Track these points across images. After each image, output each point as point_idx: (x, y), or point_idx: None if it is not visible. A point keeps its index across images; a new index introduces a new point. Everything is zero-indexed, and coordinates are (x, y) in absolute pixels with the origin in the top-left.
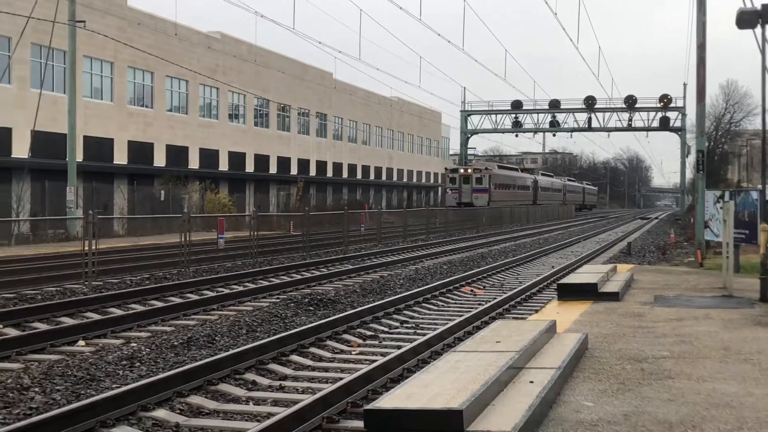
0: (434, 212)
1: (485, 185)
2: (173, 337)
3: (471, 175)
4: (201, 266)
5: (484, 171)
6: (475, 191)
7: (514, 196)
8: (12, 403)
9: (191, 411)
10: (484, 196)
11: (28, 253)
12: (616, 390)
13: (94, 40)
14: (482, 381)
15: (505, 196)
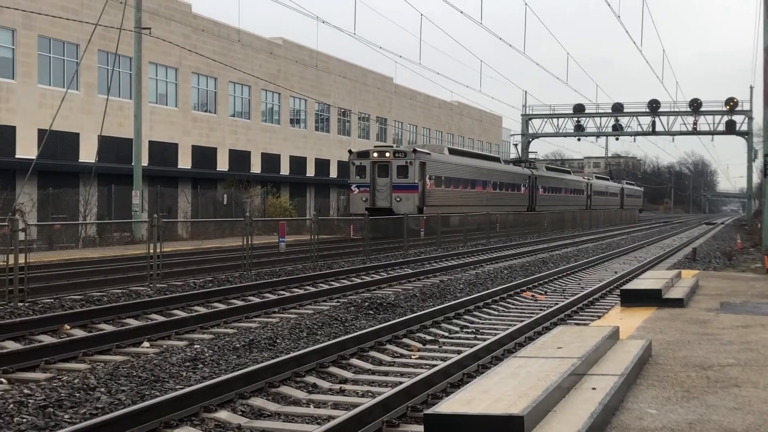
0: (495, 217)
1: (412, 179)
2: (235, 339)
3: (390, 163)
4: (262, 269)
5: (412, 156)
6: (398, 188)
7: (562, 200)
8: (79, 402)
9: (253, 413)
10: (411, 197)
11: (95, 255)
12: (680, 398)
13: (159, 46)
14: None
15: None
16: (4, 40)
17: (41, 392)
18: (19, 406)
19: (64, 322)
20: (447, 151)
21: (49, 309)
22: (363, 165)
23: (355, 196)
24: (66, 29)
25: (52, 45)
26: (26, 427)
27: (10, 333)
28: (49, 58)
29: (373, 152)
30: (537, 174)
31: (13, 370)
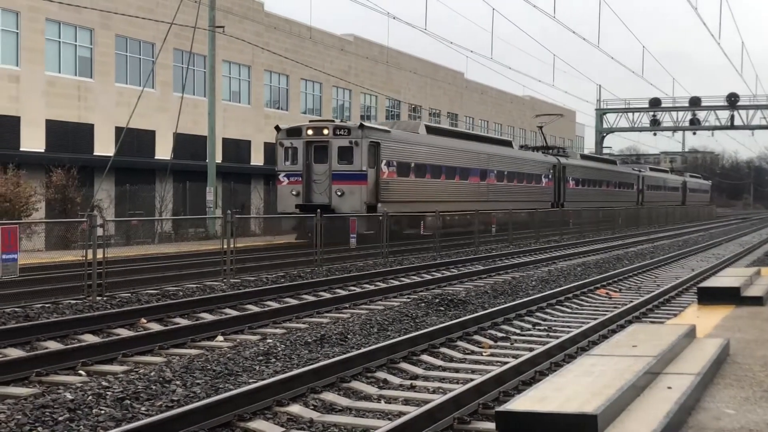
0: (567, 213)
1: (358, 165)
2: (307, 334)
3: (329, 143)
4: (333, 265)
5: (358, 133)
6: (339, 179)
7: (601, 195)
8: (155, 395)
9: (324, 407)
10: (357, 190)
11: (170, 251)
12: (759, 398)
13: (232, 44)
14: (618, 385)
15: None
16: (83, 39)
17: (119, 384)
18: (97, 398)
19: (140, 316)
20: (423, 128)
21: (127, 303)
22: (294, 146)
23: (284, 189)
24: (142, 29)
25: (129, 44)
26: (104, 419)
27: (89, 326)
28: (125, 57)
29: (306, 128)
30: (566, 163)
31: (91, 362)
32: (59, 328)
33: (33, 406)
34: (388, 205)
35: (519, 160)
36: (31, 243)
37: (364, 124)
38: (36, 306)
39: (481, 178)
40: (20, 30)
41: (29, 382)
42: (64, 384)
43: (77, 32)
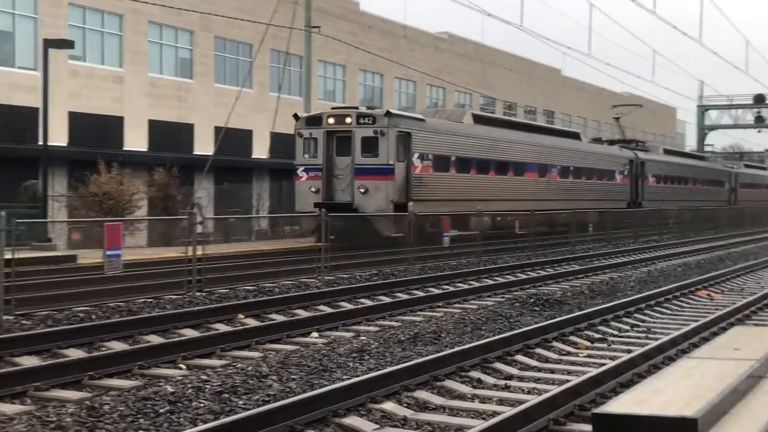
0: (666, 212)
1: (384, 158)
2: (400, 332)
3: (352, 134)
4: (426, 264)
5: (384, 122)
6: (362, 173)
7: (685, 193)
8: (252, 389)
9: (418, 405)
10: (382, 187)
11: (267, 248)
12: None
13: (328, 44)
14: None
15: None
16: (184, 41)
17: (217, 378)
18: (197, 391)
19: (238, 311)
20: (470, 117)
21: (224, 299)
22: (314, 137)
23: (302, 185)
24: (240, 30)
25: (227, 45)
26: (203, 412)
27: (189, 321)
28: (224, 58)
29: (327, 117)
30: (645, 158)
31: (191, 356)
32: (160, 323)
33: (135, 398)
34: (422, 204)
35: (588, 154)
36: (134, 240)
37: (391, 112)
38: (138, 301)
39: (540, 174)
40: (124, 33)
41: (132, 374)
42: (165, 377)
43: (178, 34)
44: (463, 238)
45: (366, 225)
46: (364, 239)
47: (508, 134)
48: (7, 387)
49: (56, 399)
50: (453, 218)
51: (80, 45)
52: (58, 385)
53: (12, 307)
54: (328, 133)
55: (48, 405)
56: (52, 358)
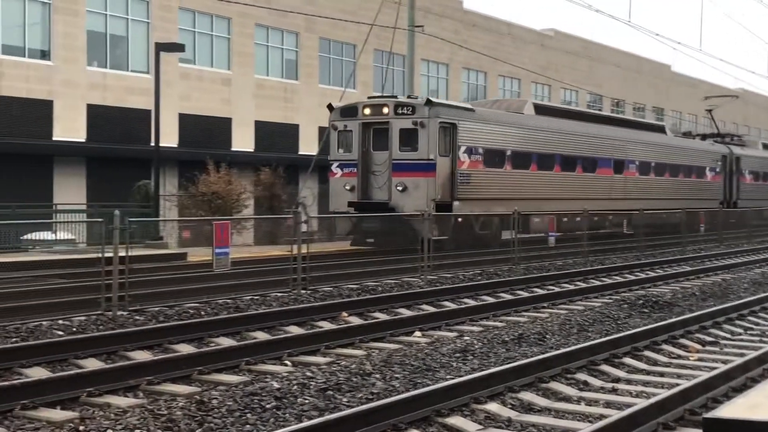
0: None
1: (424, 152)
2: (504, 333)
3: (390, 125)
4: (531, 264)
5: (424, 111)
6: (400, 170)
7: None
8: (356, 387)
9: (522, 407)
10: (422, 185)
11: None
12: None
13: (431, 43)
14: None
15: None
16: (289, 43)
17: (321, 375)
18: (302, 388)
19: (342, 309)
20: (531, 107)
21: (329, 297)
22: (348, 129)
23: (336, 183)
24: (344, 31)
25: (332, 46)
26: (308, 408)
27: (294, 318)
28: (328, 59)
29: (363, 107)
30: (741, 153)
31: (296, 353)
32: (267, 320)
33: (243, 393)
34: (469, 203)
35: (673, 148)
36: (242, 238)
37: (432, 100)
38: (245, 298)
39: (615, 170)
40: (232, 35)
41: (239, 370)
42: (271, 373)
43: (284, 36)
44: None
45: (404, 226)
46: (401, 242)
47: (575, 126)
48: (121, 381)
49: (167, 393)
50: (525, 218)
51: (190, 48)
52: (169, 379)
53: (126, 303)
54: (364, 125)
55: (159, 399)
56: (163, 353)
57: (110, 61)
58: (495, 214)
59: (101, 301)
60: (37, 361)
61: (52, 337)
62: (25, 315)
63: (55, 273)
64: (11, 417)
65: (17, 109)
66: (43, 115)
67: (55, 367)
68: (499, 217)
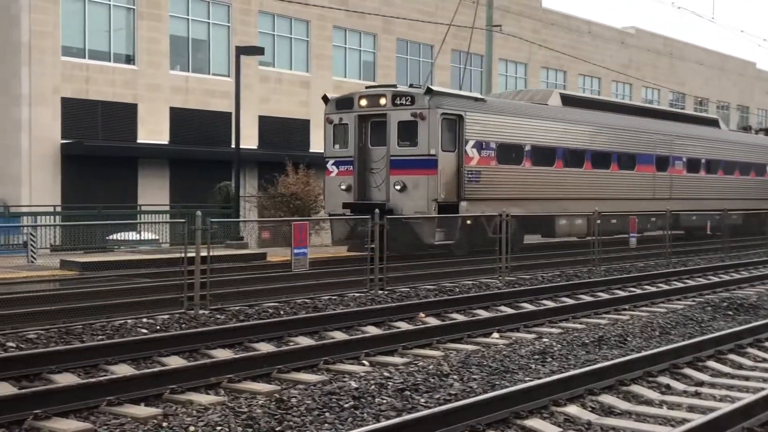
0: None
1: (424, 148)
2: (584, 335)
3: (387, 117)
4: (612, 265)
5: (424, 101)
6: (398, 167)
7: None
8: (433, 388)
9: (602, 410)
10: (421, 184)
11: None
12: None
13: (509, 42)
14: None
15: None
16: (367, 45)
17: (399, 375)
18: (379, 388)
19: (419, 310)
20: (557, 98)
21: (405, 297)
22: (344, 123)
23: (332, 182)
24: (421, 31)
25: (409, 47)
26: (386, 408)
27: (372, 319)
28: (405, 60)
29: (359, 97)
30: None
31: (374, 353)
32: (344, 320)
33: (321, 392)
34: (479, 204)
35: (727, 144)
36: (320, 239)
37: (432, 89)
38: (323, 298)
39: (658, 168)
40: (310, 38)
41: (317, 369)
42: (349, 373)
43: (361, 38)
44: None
45: (406, 230)
46: (405, 247)
47: (611, 119)
48: (202, 378)
49: (247, 391)
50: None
51: (269, 51)
52: (249, 377)
53: (207, 302)
54: (360, 117)
55: (240, 396)
56: (244, 351)
57: (192, 64)
58: (525, 215)
59: (183, 300)
60: (122, 358)
61: (137, 335)
62: (111, 313)
63: (140, 272)
64: (97, 413)
65: (104, 113)
66: (128, 118)
67: (139, 364)
68: (519, 219)
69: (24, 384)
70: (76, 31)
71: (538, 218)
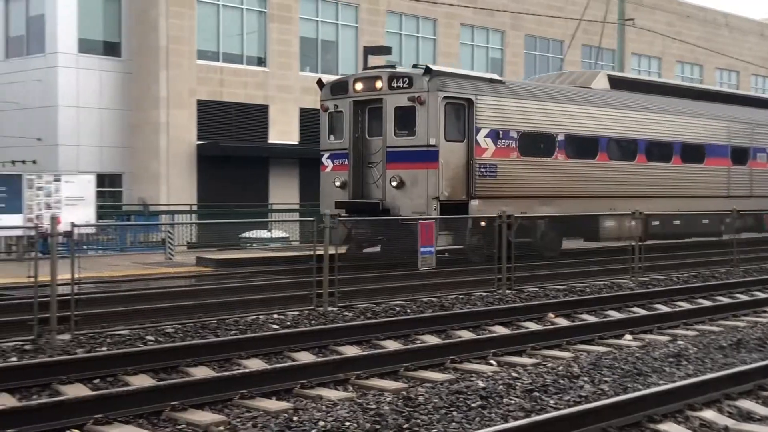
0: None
1: (424, 137)
2: (721, 338)
3: (383, 102)
4: (751, 266)
5: (422, 83)
6: (396, 160)
7: None
8: (563, 389)
9: (740, 415)
10: (421, 178)
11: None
12: None
13: (641, 36)
14: None
15: None
16: (495, 42)
17: (527, 376)
18: (507, 388)
19: (548, 310)
20: (604, 80)
21: (534, 297)
22: (339, 110)
23: (326, 178)
24: (550, 27)
25: (538, 43)
26: (514, 408)
27: (499, 318)
28: (534, 56)
29: (354, 81)
30: None
31: (501, 353)
32: (471, 319)
33: (448, 391)
34: (494, 203)
35: None
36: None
37: (432, 68)
38: (450, 297)
39: (734, 161)
40: (437, 36)
41: (444, 368)
42: (476, 372)
43: (489, 35)
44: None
45: (404, 232)
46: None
47: (671, 104)
48: (331, 374)
49: (375, 387)
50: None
51: (396, 50)
52: (377, 374)
53: (335, 299)
54: (355, 103)
55: (368, 393)
56: (371, 348)
57: (321, 65)
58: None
59: (313, 296)
60: (254, 352)
61: (268, 331)
62: (244, 309)
63: (271, 269)
64: (231, 405)
65: (237, 114)
66: (260, 119)
67: (270, 359)
68: (553, 220)
69: (162, 376)
70: (210, 35)
71: (576, 219)
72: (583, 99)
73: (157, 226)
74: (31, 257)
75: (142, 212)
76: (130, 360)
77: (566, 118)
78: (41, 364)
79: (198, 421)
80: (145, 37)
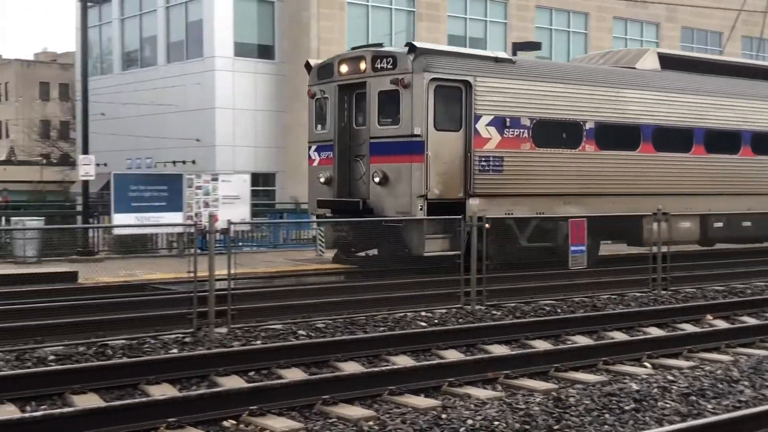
0: None
1: (407, 126)
2: None
3: (367, 85)
4: None
5: (407, 63)
6: (380, 153)
7: None
8: (721, 393)
9: None
10: (404, 174)
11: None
12: None
13: None
14: None
15: None
16: (649, 35)
17: (684, 379)
18: (662, 391)
19: (706, 312)
20: (653, 59)
21: (691, 298)
22: (325, 96)
23: (312, 173)
24: (708, 18)
25: (695, 35)
26: (669, 412)
27: (654, 319)
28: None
29: (339, 62)
30: None
31: (656, 355)
32: (624, 320)
33: (600, 392)
34: (502, 201)
35: None
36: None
37: (416, 45)
38: (602, 297)
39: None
40: (589, 30)
41: (596, 369)
42: (630, 374)
43: (643, 28)
44: None
45: (389, 236)
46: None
47: (737, 86)
48: (479, 373)
49: (524, 387)
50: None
51: (546, 46)
52: (526, 374)
53: (483, 297)
54: (340, 88)
55: (517, 393)
56: (520, 348)
57: None
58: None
59: (461, 294)
60: (402, 349)
61: (416, 328)
62: (392, 306)
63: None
64: (380, 401)
65: None
66: None
67: (418, 356)
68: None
69: (313, 370)
70: (359, 36)
71: (612, 220)
72: (622, 81)
73: (309, 224)
74: (191, 253)
75: (294, 210)
76: (283, 354)
77: (598, 103)
78: (200, 356)
79: (348, 416)
80: (298, 40)
